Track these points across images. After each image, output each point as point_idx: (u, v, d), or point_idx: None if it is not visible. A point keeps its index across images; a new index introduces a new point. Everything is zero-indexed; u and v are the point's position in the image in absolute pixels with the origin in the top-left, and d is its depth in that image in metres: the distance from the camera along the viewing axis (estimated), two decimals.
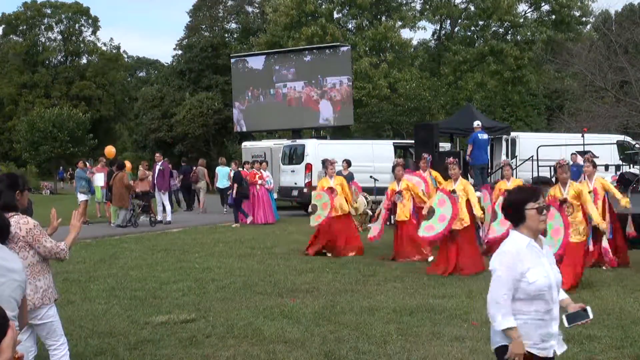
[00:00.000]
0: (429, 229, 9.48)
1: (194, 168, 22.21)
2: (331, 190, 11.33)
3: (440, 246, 9.78)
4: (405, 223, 10.64)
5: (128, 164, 18.63)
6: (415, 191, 10.81)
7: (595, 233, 8.95)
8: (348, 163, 17.17)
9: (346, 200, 11.51)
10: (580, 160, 17.51)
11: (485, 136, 16.51)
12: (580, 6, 33.62)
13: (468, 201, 9.59)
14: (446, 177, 10.82)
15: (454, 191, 9.71)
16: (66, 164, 42.04)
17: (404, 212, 10.65)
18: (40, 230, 4.27)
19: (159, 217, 17.66)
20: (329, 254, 11.17)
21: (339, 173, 17.06)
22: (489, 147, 17.61)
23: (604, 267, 9.33)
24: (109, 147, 19.28)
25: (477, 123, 16.08)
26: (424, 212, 9.78)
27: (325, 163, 11.97)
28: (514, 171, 16.94)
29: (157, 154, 19.23)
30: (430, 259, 10.26)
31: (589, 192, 8.97)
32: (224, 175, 20.08)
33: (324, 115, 24.19)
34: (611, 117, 28.01)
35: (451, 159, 10.40)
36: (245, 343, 5.89)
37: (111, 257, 11.30)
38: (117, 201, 16.56)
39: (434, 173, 12.40)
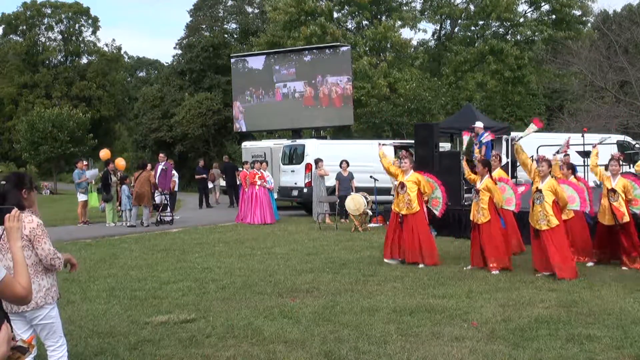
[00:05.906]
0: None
1: (211, 170, 25.56)
2: (402, 185, 10.10)
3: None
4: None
5: (122, 161, 18.69)
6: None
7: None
8: (347, 163, 17.24)
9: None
10: (573, 160, 17.53)
11: None
12: (580, 5, 33.58)
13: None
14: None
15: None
16: (65, 164, 42.05)
17: (484, 213, 9.53)
18: (43, 231, 4.23)
19: (176, 216, 18.42)
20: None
21: (339, 174, 17.22)
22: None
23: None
24: (105, 150, 19.38)
25: (480, 124, 16.07)
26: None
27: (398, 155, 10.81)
28: (515, 169, 17.00)
29: (161, 154, 19.22)
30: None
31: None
32: None
33: (324, 115, 24.16)
34: (611, 117, 28.03)
35: (404, 152, 10.37)
36: (245, 343, 5.88)
37: (111, 257, 11.31)
38: (141, 200, 16.66)
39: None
